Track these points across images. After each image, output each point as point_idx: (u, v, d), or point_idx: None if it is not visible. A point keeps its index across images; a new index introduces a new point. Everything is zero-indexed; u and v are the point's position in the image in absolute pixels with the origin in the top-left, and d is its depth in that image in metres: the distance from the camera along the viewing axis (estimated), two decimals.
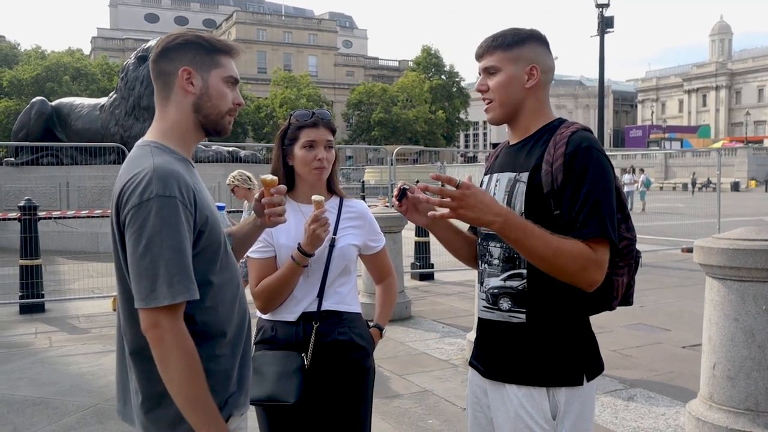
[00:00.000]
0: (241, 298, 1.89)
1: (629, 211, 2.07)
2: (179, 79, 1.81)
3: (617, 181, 1.98)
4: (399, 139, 60.50)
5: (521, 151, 2.02)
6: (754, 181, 51.01)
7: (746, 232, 3.58)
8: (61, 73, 51.76)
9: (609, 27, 16.88)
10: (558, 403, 1.92)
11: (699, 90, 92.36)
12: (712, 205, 14.27)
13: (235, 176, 6.28)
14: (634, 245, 2.01)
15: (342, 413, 2.40)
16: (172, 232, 1.64)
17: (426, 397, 4.93)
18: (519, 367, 1.96)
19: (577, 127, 1.97)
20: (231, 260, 1.89)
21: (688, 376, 5.14)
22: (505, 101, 2.02)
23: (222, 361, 1.78)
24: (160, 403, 1.72)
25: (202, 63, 1.82)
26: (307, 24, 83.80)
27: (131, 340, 1.75)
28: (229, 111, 1.88)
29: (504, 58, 1.99)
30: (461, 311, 7.87)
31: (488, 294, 2.05)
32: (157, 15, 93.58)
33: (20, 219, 8.01)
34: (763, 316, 3.44)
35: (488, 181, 2.12)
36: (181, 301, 1.63)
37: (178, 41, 1.83)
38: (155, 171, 1.67)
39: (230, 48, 1.88)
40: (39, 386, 5.21)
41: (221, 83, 1.85)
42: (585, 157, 1.87)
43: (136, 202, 1.65)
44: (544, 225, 1.89)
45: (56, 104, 15.64)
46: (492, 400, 2.05)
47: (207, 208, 1.78)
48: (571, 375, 1.94)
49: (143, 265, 1.62)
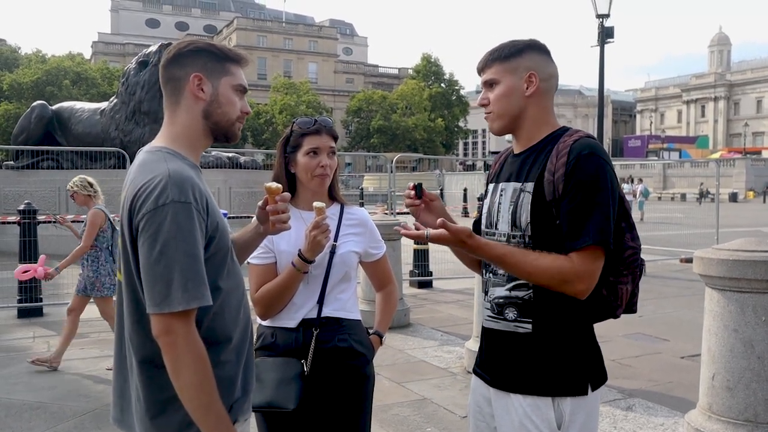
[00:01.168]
0: (245, 305, 1.90)
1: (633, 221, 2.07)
2: (190, 85, 1.81)
3: (620, 189, 1.99)
4: (398, 146, 60.60)
5: (526, 160, 2.02)
6: (752, 192, 51.10)
7: (746, 243, 3.59)
8: (62, 77, 51.81)
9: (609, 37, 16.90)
10: (563, 412, 1.92)
11: (698, 101, 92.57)
12: (711, 215, 14.30)
13: (75, 182, 6.04)
14: (638, 254, 2.01)
15: (341, 420, 2.40)
16: (187, 237, 1.64)
17: (424, 405, 4.92)
18: (525, 376, 1.96)
19: (581, 135, 1.97)
20: (236, 266, 1.90)
21: (686, 387, 5.14)
22: (505, 111, 2.03)
23: (227, 367, 1.78)
24: (166, 410, 1.72)
25: (212, 70, 1.83)
26: (308, 31, 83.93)
27: (139, 347, 1.74)
28: (238, 118, 1.89)
29: (502, 69, 2.02)
30: (460, 319, 7.87)
31: (493, 303, 2.05)
32: (158, 20, 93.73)
33: (20, 222, 8.01)
34: (763, 327, 3.43)
35: (493, 190, 2.12)
36: (195, 306, 1.63)
37: (191, 48, 1.84)
38: (171, 177, 1.67)
39: (240, 57, 1.90)
40: (37, 391, 5.20)
41: (230, 91, 1.86)
42: (585, 164, 1.88)
43: (152, 207, 1.64)
44: (549, 235, 1.91)
45: (57, 108, 15.66)
46: (496, 409, 2.05)
47: (217, 214, 1.79)
48: (576, 385, 1.94)
49: (157, 270, 1.62)
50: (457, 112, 69.69)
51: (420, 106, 65.13)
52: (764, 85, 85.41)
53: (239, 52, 1.92)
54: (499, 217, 2.04)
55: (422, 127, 64.00)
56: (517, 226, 1.98)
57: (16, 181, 14.11)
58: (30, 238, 7.96)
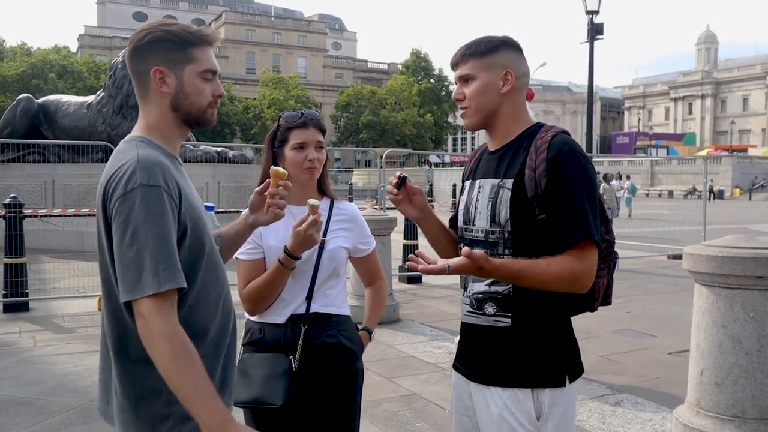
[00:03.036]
0: (226, 298, 1.86)
1: (608, 215, 2.11)
2: (152, 80, 1.77)
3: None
4: (387, 141, 60.57)
5: (503, 157, 2.04)
6: (738, 189, 51.49)
7: (735, 240, 3.60)
8: (47, 70, 51.40)
9: (599, 34, 16.96)
10: (542, 404, 1.95)
11: (685, 98, 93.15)
12: (698, 212, 14.38)
13: None
14: (613, 247, 2.06)
15: (330, 416, 2.39)
16: (157, 221, 1.61)
17: (414, 401, 4.92)
18: (504, 369, 1.98)
19: (557, 130, 2.01)
20: (217, 259, 1.86)
21: (674, 382, 5.16)
22: (482, 108, 2.04)
23: (204, 361, 1.75)
24: (140, 404, 1.70)
25: (174, 60, 1.77)
26: (297, 25, 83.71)
27: (114, 340, 1.72)
28: (210, 104, 1.83)
29: (478, 65, 2.03)
30: (449, 314, 7.87)
31: (472, 299, 2.08)
32: (146, 13, 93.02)
33: (5, 217, 7.93)
34: (751, 324, 3.45)
35: (470, 187, 2.14)
36: (168, 288, 1.60)
37: (148, 38, 1.77)
38: (140, 162, 1.65)
39: (204, 38, 1.81)
40: (23, 386, 5.15)
41: (197, 79, 1.80)
42: (567, 161, 1.91)
43: (121, 192, 1.62)
44: (529, 230, 1.94)
45: (43, 101, 15.49)
46: (476, 403, 2.07)
47: (192, 204, 1.76)
48: (555, 376, 1.97)
49: (129, 255, 1.60)
50: (447, 107, 69.76)
51: (409, 101, 65.16)
52: (751, 83, 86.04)
53: (203, 33, 1.82)
54: (477, 213, 2.06)
55: (411, 122, 64.03)
56: (496, 222, 2.00)
57: (2, 175, 13.96)
58: (16, 233, 7.88)
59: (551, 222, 1.90)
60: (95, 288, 8.23)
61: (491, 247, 2.01)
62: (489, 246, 2.01)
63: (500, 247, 2.00)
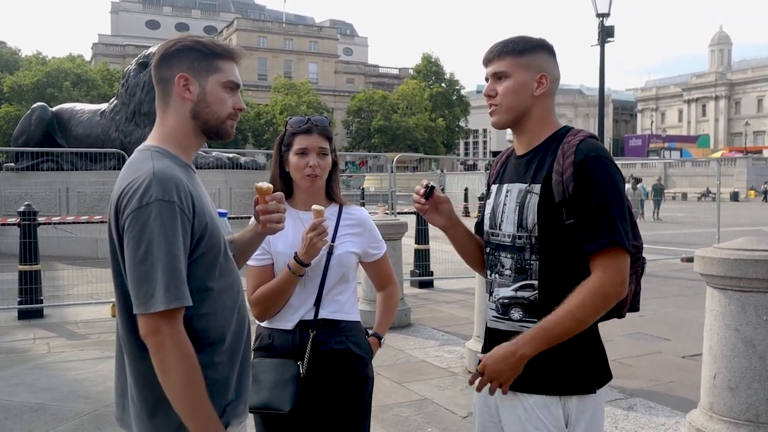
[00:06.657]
0: (240, 305, 1.88)
1: (636, 219, 2.08)
2: (176, 86, 1.80)
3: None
4: (399, 146, 60.56)
5: (532, 161, 2.02)
6: (753, 191, 51.04)
7: (747, 243, 3.57)
8: (62, 79, 51.79)
9: (609, 36, 16.89)
10: (570, 411, 1.94)
11: (698, 100, 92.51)
12: (712, 214, 14.28)
13: None
14: (640, 253, 2.03)
15: (340, 423, 2.38)
16: (170, 236, 1.63)
17: (425, 406, 4.91)
18: (531, 376, 1.95)
19: (584, 135, 1.98)
20: (232, 266, 1.88)
21: (688, 386, 5.12)
22: (513, 107, 2.01)
23: (220, 368, 1.77)
24: (157, 411, 1.71)
25: (200, 69, 1.80)
26: (308, 31, 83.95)
27: (129, 345, 1.74)
28: (230, 116, 1.86)
29: (515, 64, 1.99)
30: (461, 319, 7.85)
31: (498, 304, 2.06)
32: (159, 22, 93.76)
33: (20, 224, 8.00)
34: (764, 327, 3.42)
35: (497, 191, 2.11)
36: (177, 306, 1.62)
37: (177, 47, 1.82)
38: (155, 175, 1.67)
39: (230, 52, 1.85)
40: (37, 392, 5.19)
41: (219, 89, 1.83)
42: (594, 166, 1.89)
43: (136, 206, 1.64)
44: (557, 235, 1.92)
45: (57, 110, 15.64)
46: (503, 408, 2.05)
47: (206, 214, 1.77)
48: (582, 383, 1.95)
49: (142, 270, 1.62)
50: (458, 111, 69.69)
51: (421, 106, 65.08)
52: (765, 84, 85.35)
53: (229, 47, 1.87)
54: (504, 218, 2.04)
55: (423, 127, 63.97)
56: (523, 227, 1.97)
57: (17, 183, 14.10)
58: (30, 240, 7.95)
59: (578, 227, 1.89)
60: (109, 294, 8.27)
61: (518, 252, 1.99)
62: (516, 251, 1.99)
63: (527, 252, 1.98)
